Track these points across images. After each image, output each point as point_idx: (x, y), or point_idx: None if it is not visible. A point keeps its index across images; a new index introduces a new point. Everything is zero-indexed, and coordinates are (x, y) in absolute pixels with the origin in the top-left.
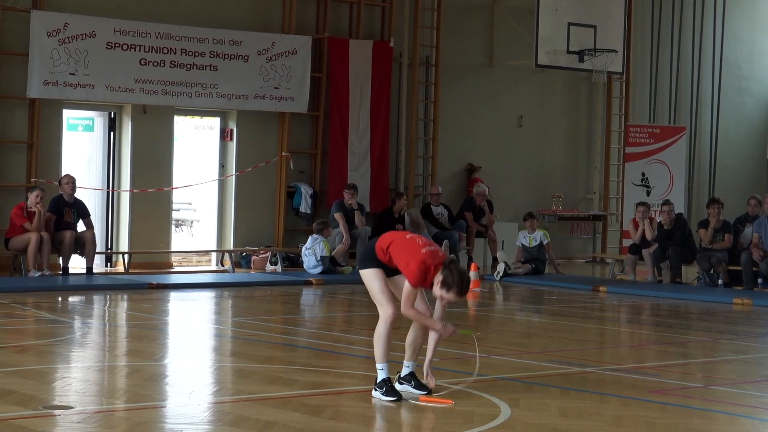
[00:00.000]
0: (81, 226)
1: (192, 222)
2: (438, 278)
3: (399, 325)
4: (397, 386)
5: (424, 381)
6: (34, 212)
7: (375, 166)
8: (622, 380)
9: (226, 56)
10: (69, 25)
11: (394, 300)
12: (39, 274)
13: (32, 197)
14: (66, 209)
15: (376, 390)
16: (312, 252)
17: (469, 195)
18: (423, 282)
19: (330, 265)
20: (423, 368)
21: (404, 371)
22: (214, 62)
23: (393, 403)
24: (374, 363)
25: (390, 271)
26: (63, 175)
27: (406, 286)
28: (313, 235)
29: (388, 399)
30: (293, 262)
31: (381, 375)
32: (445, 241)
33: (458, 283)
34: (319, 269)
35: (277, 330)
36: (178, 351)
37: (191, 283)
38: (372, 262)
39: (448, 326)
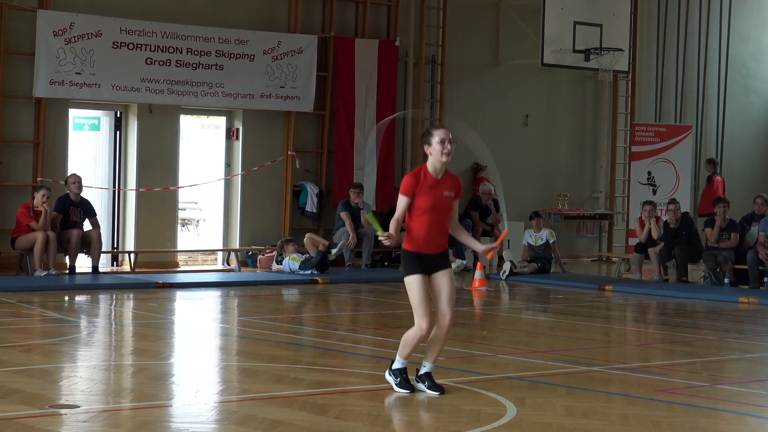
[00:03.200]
0: (87, 226)
1: (198, 221)
2: (426, 150)
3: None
4: (387, 377)
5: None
6: (41, 212)
7: (381, 165)
8: (628, 379)
9: (232, 55)
10: (75, 24)
11: (429, 312)
12: (45, 273)
13: (38, 197)
14: (72, 208)
15: (390, 375)
16: (289, 269)
17: (475, 194)
18: (413, 185)
19: (315, 262)
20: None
21: (422, 370)
22: (219, 61)
23: (405, 393)
24: (380, 361)
25: (430, 267)
26: (69, 174)
27: (399, 197)
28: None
29: (401, 390)
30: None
31: (398, 365)
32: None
33: (432, 124)
34: (308, 272)
35: (282, 329)
36: (184, 350)
37: (197, 282)
38: (414, 267)
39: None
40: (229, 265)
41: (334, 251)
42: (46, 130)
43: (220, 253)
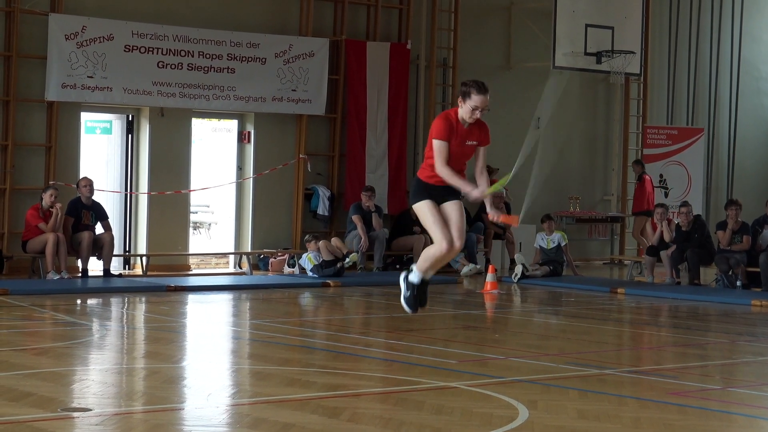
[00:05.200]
0: (99, 229)
1: (210, 224)
2: (459, 101)
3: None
4: (401, 282)
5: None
6: (50, 213)
7: (392, 169)
8: (640, 382)
9: (244, 59)
10: (87, 28)
11: (448, 233)
12: (58, 277)
13: (46, 197)
14: (84, 212)
15: (403, 282)
16: (300, 267)
17: None
18: (448, 131)
19: (325, 270)
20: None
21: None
22: (231, 65)
23: (407, 310)
24: (392, 365)
25: (439, 197)
26: (81, 177)
27: (434, 142)
28: None
29: (405, 305)
30: None
31: (414, 276)
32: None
33: (473, 83)
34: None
35: (294, 332)
36: (196, 353)
37: (209, 286)
38: (421, 194)
39: (478, 189)
40: (240, 268)
41: (347, 260)
42: (58, 134)
43: (231, 257)
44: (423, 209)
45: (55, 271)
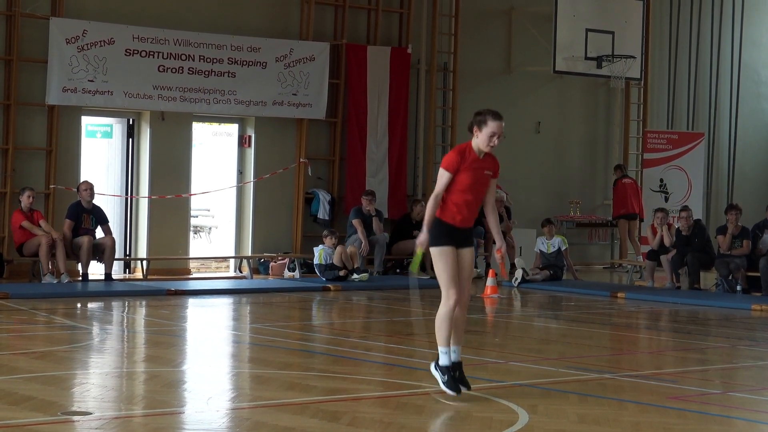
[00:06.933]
0: (99, 233)
1: (210, 228)
2: (474, 131)
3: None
4: (434, 371)
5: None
6: (30, 214)
7: (393, 173)
8: (640, 386)
9: (245, 63)
10: (88, 31)
11: (458, 284)
12: (56, 280)
13: (24, 199)
14: (84, 216)
15: (436, 370)
16: (314, 260)
17: None
18: (458, 164)
19: (327, 273)
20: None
21: (452, 356)
22: (232, 69)
23: (452, 394)
24: (392, 368)
25: (460, 241)
26: (81, 181)
27: (441, 170)
28: None
29: (447, 390)
30: (311, 268)
31: (443, 359)
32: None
33: (487, 111)
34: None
35: (294, 336)
36: (196, 357)
37: (209, 290)
38: (446, 238)
39: (423, 236)
40: (241, 272)
41: (356, 278)
42: (59, 138)
43: (232, 261)
44: (444, 256)
45: (52, 274)
